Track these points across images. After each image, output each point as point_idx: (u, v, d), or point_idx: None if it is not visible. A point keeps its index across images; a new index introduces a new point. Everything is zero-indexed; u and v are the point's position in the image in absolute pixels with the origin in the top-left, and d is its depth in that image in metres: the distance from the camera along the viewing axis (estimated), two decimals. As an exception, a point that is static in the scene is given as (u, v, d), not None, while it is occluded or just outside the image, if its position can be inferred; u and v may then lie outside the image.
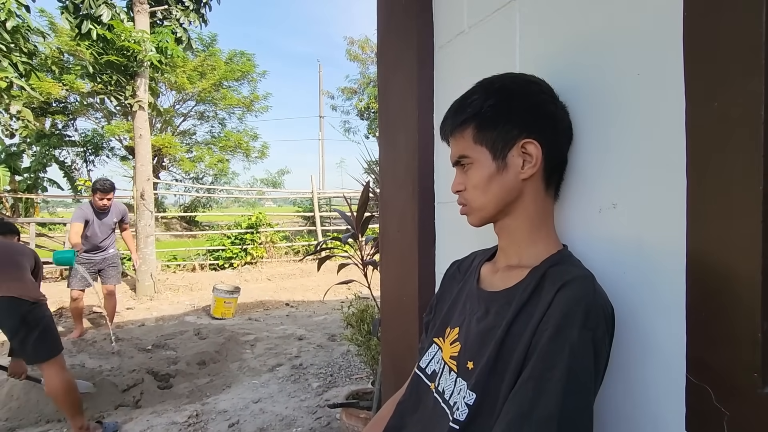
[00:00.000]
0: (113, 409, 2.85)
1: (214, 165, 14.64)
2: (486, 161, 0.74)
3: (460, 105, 0.78)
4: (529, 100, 0.75)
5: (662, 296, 0.65)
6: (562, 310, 0.62)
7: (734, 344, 0.56)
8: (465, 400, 0.68)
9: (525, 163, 0.73)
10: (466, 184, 0.78)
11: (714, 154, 0.58)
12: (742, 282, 0.55)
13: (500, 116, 0.73)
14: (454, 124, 0.78)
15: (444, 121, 0.81)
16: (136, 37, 6.30)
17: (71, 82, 10.17)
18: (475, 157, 0.75)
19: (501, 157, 0.73)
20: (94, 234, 4.39)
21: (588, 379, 0.59)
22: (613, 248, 0.73)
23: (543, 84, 0.78)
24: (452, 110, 0.79)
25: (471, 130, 0.75)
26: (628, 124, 0.71)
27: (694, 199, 0.60)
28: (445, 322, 0.84)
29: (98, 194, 4.28)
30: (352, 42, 15.40)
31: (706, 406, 0.59)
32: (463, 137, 0.77)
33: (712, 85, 0.58)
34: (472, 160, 0.76)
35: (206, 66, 13.28)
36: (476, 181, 0.76)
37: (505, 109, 0.74)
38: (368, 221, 2.33)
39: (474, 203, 0.77)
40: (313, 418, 2.66)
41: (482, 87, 0.78)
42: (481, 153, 0.75)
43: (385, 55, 1.47)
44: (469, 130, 0.75)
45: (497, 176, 0.74)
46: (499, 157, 0.73)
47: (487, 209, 0.77)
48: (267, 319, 5.44)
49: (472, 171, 0.76)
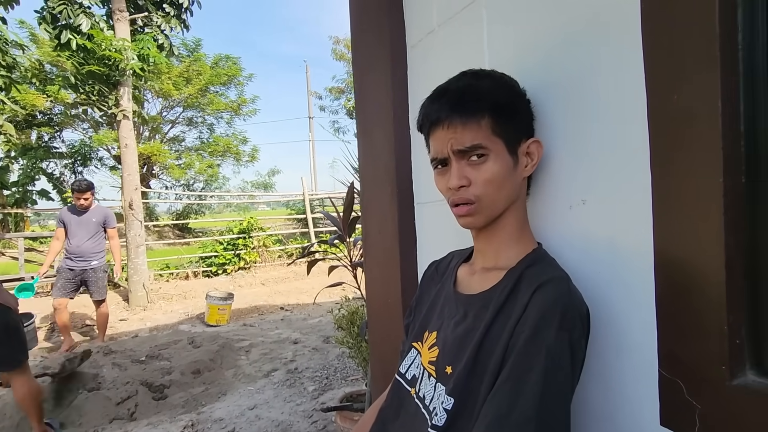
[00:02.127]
0: (107, 423, 2.82)
1: (204, 171, 14.54)
2: (504, 154, 0.70)
3: (469, 92, 0.71)
4: (526, 100, 0.77)
5: (634, 293, 0.65)
6: (539, 311, 0.61)
7: (702, 338, 0.56)
8: (443, 405, 0.68)
9: (527, 161, 0.74)
10: (474, 178, 0.70)
11: (675, 148, 0.57)
12: (707, 276, 0.55)
13: (515, 112, 0.73)
14: (465, 111, 0.69)
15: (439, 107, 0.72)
16: (117, 45, 6.23)
17: (55, 93, 10.05)
18: (493, 149, 0.69)
19: (514, 153, 0.72)
20: (73, 234, 4.35)
21: (565, 380, 0.59)
22: (585, 245, 0.73)
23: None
24: (455, 96, 0.71)
25: (488, 119, 0.69)
26: (596, 120, 0.71)
27: (658, 194, 0.60)
28: (423, 326, 0.84)
29: (75, 194, 4.32)
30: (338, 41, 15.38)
31: (679, 399, 0.59)
32: (479, 126, 0.69)
33: (670, 79, 0.58)
34: (489, 151, 0.69)
35: (192, 71, 13.16)
36: (493, 175, 0.69)
37: (518, 106, 0.75)
38: (355, 222, 2.32)
39: (486, 199, 0.71)
40: (310, 422, 2.65)
41: (489, 78, 0.74)
42: (498, 145, 0.70)
43: (359, 55, 1.46)
44: (486, 119, 0.69)
45: (512, 172, 0.72)
46: (513, 152, 0.72)
47: (497, 207, 0.72)
48: (262, 324, 5.41)
49: (488, 164, 0.69)
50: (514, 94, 0.75)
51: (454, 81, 0.75)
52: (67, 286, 4.34)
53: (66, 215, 4.41)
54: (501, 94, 0.72)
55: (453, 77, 0.75)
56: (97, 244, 4.49)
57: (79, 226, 4.38)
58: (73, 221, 4.37)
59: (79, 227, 4.38)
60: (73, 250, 4.37)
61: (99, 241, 4.52)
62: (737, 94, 0.53)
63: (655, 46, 0.60)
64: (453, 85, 0.74)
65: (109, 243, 4.69)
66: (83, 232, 4.39)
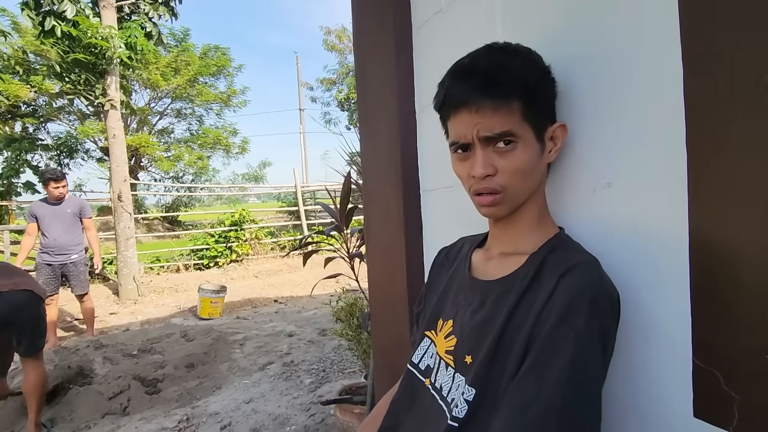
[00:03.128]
0: (99, 418, 2.77)
1: (193, 163, 14.34)
2: (532, 141, 0.66)
3: (500, 72, 0.64)
4: (551, 78, 0.72)
5: (665, 278, 0.62)
6: (567, 297, 0.58)
7: (743, 325, 0.53)
8: (464, 397, 0.64)
9: (551, 146, 0.71)
10: (501, 167, 0.65)
11: (716, 126, 0.54)
12: (748, 261, 0.52)
13: (545, 94, 0.69)
14: (497, 93, 0.63)
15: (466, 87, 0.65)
16: (104, 33, 6.07)
17: (39, 84, 9.80)
18: (522, 136, 0.65)
19: (541, 139, 0.68)
20: (48, 228, 4.18)
21: (596, 370, 0.56)
22: (609, 229, 0.70)
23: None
24: (485, 76, 0.64)
25: (519, 103, 0.64)
26: (621, 98, 0.67)
27: (695, 174, 0.57)
28: (436, 314, 0.80)
29: (51, 184, 4.13)
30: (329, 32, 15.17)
31: (715, 390, 0.56)
32: (510, 111, 0.64)
33: (711, 54, 0.54)
34: (518, 138, 0.65)
35: (180, 62, 12.92)
36: (521, 164, 0.65)
37: (546, 87, 0.70)
38: (352, 213, 2.28)
39: (512, 190, 0.67)
40: (307, 416, 2.62)
41: (519, 56, 0.67)
42: (527, 132, 0.65)
43: (361, 40, 1.41)
44: (516, 103, 0.64)
45: (539, 159, 0.68)
46: (540, 138, 0.68)
47: (522, 197, 0.69)
48: (255, 317, 5.37)
49: (516, 152, 0.65)
50: (544, 74, 0.70)
51: (481, 56, 0.67)
52: (50, 283, 4.19)
53: (39, 209, 4.20)
54: (532, 74, 0.67)
55: (477, 51, 0.69)
56: (75, 236, 4.33)
57: (54, 219, 4.20)
58: (48, 214, 4.19)
59: (54, 220, 4.21)
60: (50, 244, 4.20)
61: (77, 234, 4.36)
62: (785, 67, 0.49)
63: (695, 15, 0.56)
64: (481, 62, 0.67)
65: (86, 234, 4.50)
66: (59, 224, 4.22)
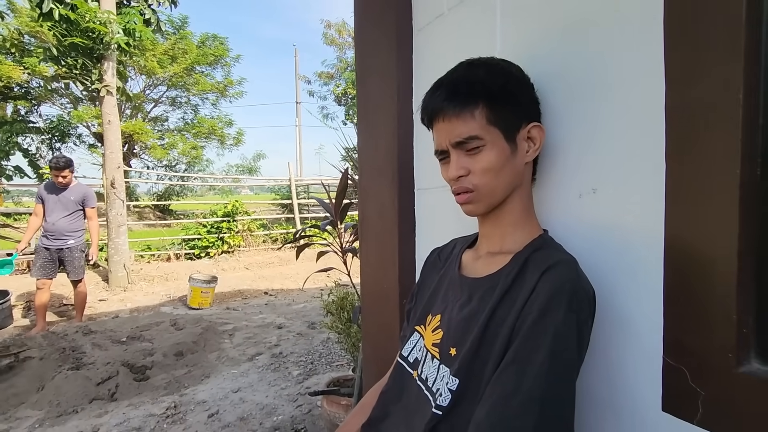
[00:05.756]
0: (87, 403, 2.78)
1: (187, 152, 14.25)
2: (500, 143, 0.72)
3: (462, 83, 0.73)
4: (528, 84, 0.77)
5: (642, 281, 0.66)
6: (547, 293, 0.62)
7: (711, 326, 0.57)
8: (448, 386, 0.68)
9: (529, 146, 0.75)
10: (472, 167, 0.73)
11: (693, 138, 0.58)
12: (719, 266, 0.55)
13: (511, 98, 0.73)
14: (458, 102, 0.71)
15: (435, 100, 0.74)
16: (102, 18, 6.01)
17: (33, 66, 9.68)
18: (489, 139, 0.71)
19: (512, 140, 0.73)
20: (50, 212, 4.22)
21: (571, 362, 0.60)
22: (593, 233, 0.74)
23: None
24: (449, 89, 0.73)
25: (482, 109, 0.71)
26: (610, 109, 0.71)
27: (672, 183, 0.61)
28: (426, 310, 0.84)
29: (53, 172, 4.17)
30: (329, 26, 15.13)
31: (682, 386, 0.60)
32: (472, 117, 0.71)
33: (692, 69, 0.58)
34: (485, 141, 0.71)
35: (177, 50, 12.82)
36: (489, 164, 0.71)
37: (514, 92, 0.74)
38: (347, 208, 2.31)
39: (485, 188, 0.73)
40: (294, 406, 2.65)
41: (484, 67, 0.74)
42: (494, 134, 0.71)
43: (362, 38, 1.44)
44: (480, 109, 0.71)
45: (510, 159, 0.73)
46: (511, 139, 0.73)
47: (497, 195, 0.74)
48: (245, 308, 5.38)
49: (483, 153, 0.72)
50: (510, 80, 0.74)
51: (450, 72, 0.76)
52: (46, 266, 4.22)
53: (44, 191, 4.27)
54: (495, 81, 0.72)
55: (450, 69, 0.77)
56: (72, 223, 4.34)
57: (56, 204, 4.23)
58: (51, 198, 4.23)
59: (56, 205, 4.24)
60: (48, 228, 4.24)
61: (76, 221, 4.37)
62: (758, 87, 0.53)
63: (678, 36, 0.60)
64: (448, 77, 0.76)
65: (88, 223, 4.52)
66: (60, 210, 4.25)
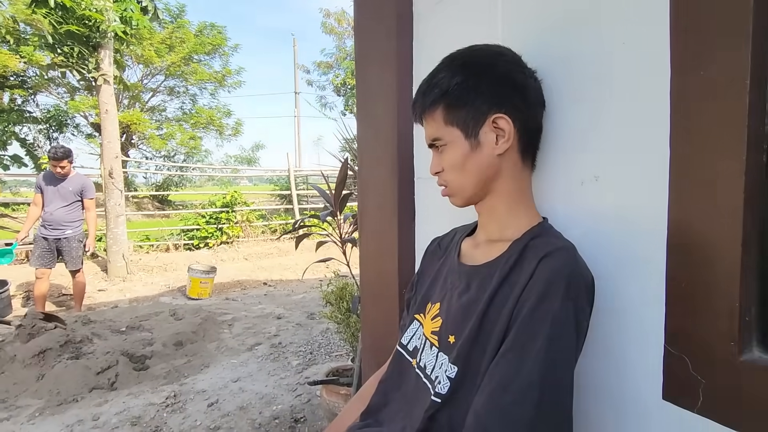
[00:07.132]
0: (87, 392, 2.79)
1: (185, 143, 14.18)
2: (459, 141, 0.73)
3: (427, 86, 0.76)
4: (495, 72, 0.73)
5: (644, 269, 0.65)
6: (545, 280, 0.62)
7: (713, 315, 0.56)
8: (447, 374, 0.68)
9: (498, 138, 0.72)
10: (443, 165, 0.77)
11: (698, 125, 0.57)
12: (722, 253, 0.55)
13: (468, 93, 0.72)
14: (424, 106, 0.76)
15: (414, 103, 0.79)
16: (98, 5, 5.94)
17: (30, 55, 9.57)
18: (448, 139, 0.74)
19: (473, 136, 0.72)
20: (48, 202, 4.23)
21: (569, 348, 0.60)
22: (595, 221, 0.73)
23: (509, 53, 0.76)
24: (420, 92, 0.77)
25: (441, 111, 0.74)
26: (613, 96, 0.70)
27: (676, 170, 0.60)
28: (426, 299, 0.84)
29: (51, 162, 4.17)
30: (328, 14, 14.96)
31: (683, 375, 0.60)
32: (434, 119, 0.75)
33: (698, 55, 0.57)
34: (446, 141, 0.75)
35: (175, 38, 12.67)
36: (452, 162, 0.75)
37: (472, 86, 0.72)
38: (347, 199, 2.30)
39: (453, 184, 0.77)
40: (293, 396, 2.66)
41: (446, 65, 0.76)
42: (453, 134, 0.74)
43: (362, 26, 1.42)
44: (438, 111, 0.74)
45: (472, 155, 0.73)
46: (471, 136, 0.72)
47: (466, 189, 0.76)
48: (244, 298, 5.39)
49: (446, 152, 0.75)
50: (469, 76, 0.72)
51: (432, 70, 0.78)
52: (45, 256, 4.23)
53: (43, 181, 4.26)
54: (452, 81, 0.72)
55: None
56: (70, 213, 4.33)
57: (54, 194, 4.23)
58: (49, 189, 4.23)
59: (55, 195, 4.24)
60: (46, 218, 4.25)
61: (74, 211, 4.36)
62: (765, 73, 0.52)
63: (683, 21, 0.59)
64: (427, 76, 0.78)
65: (85, 214, 4.50)
66: (58, 200, 4.25)
